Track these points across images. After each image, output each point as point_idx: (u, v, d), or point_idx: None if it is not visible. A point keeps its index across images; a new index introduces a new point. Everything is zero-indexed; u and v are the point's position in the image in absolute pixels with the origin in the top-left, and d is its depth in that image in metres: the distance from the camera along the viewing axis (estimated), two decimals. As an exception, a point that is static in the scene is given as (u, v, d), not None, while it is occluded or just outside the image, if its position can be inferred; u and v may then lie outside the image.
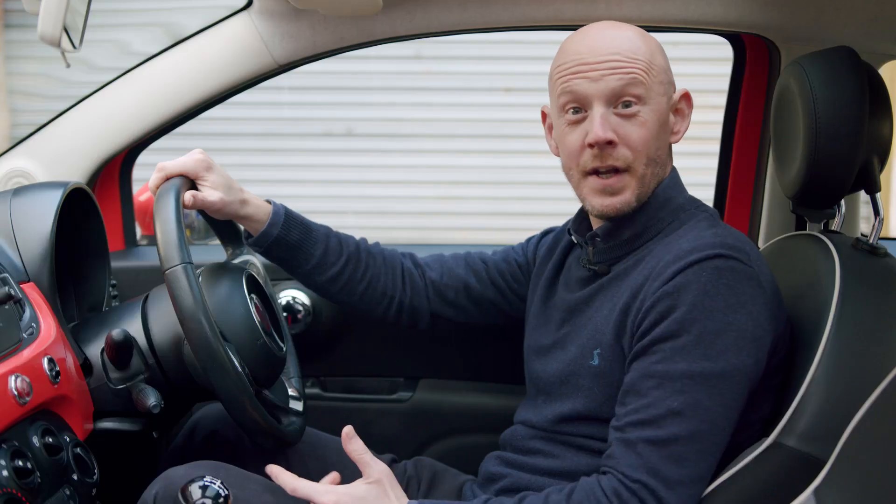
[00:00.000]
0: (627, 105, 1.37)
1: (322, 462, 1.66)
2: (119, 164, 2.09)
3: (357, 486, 1.35)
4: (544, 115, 1.52)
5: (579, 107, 1.39)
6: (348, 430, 1.37)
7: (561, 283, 1.55)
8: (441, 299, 1.69)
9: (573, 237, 1.53)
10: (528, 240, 1.72)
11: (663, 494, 1.24)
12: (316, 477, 1.65)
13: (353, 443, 1.37)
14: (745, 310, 1.27)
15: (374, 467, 1.36)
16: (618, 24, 1.43)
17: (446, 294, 1.69)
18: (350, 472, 1.66)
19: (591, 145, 1.37)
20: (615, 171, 1.39)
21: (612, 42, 1.38)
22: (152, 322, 1.49)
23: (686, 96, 1.46)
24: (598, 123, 1.36)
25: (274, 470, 1.37)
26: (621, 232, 1.43)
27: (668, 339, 1.28)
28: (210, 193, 1.49)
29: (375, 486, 1.34)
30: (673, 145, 1.46)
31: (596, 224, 1.48)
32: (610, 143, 1.36)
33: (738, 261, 1.29)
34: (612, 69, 1.36)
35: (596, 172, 1.40)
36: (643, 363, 1.30)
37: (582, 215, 1.53)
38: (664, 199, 1.43)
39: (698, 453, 1.26)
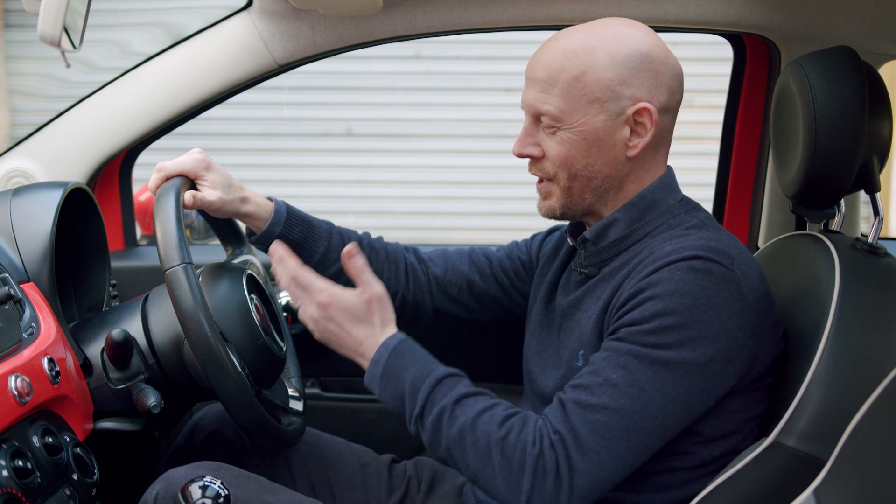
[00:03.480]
0: (548, 123, 1.39)
1: (322, 462, 1.66)
2: (119, 164, 2.09)
3: (350, 296, 1.36)
4: None
5: (526, 113, 1.43)
6: (350, 246, 1.38)
7: (560, 286, 1.56)
8: (444, 295, 1.69)
9: (569, 240, 1.54)
10: (534, 237, 1.72)
11: (575, 457, 1.23)
12: (316, 477, 1.65)
13: (355, 259, 1.37)
14: (713, 311, 1.26)
15: (370, 287, 1.37)
16: (570, 34, 1.39)
17: (449, 290, 1.69)
18: (350, 473, 1.67)
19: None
20: (543, 178, 1.44)
21: (543, 57, 1.38)
22: (152, 322, 1.50)
23: (646, 111, 1.36)
24: (518, 138, 1.42)
25: (279, 251, 1.38)
26: (609, 234, 1.43)
27: (630, 325, 1.28)
28: (209, 193, 1.49)
29: (364, 304, 1.36)
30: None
31: (587, 227, 1.49)
32: (532, 156, 1.42)
33: (717, 263, 1.28)
34: (534, 87, 1.38)
35: None
36: (604, 343, 1.32)
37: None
38: (652, 200, 1.42)
39: (621, 430, 1.24)
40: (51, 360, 1.33)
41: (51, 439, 1.27)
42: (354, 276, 1.37)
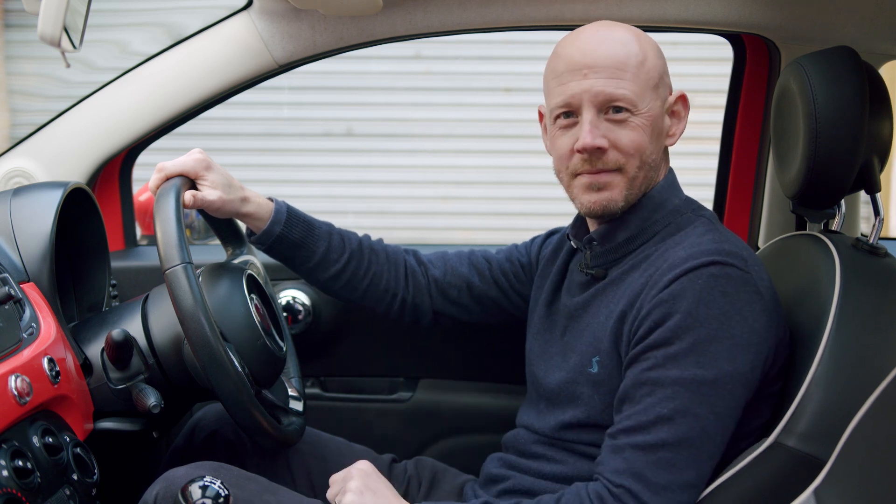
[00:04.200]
0: (618, 110, 1.36)
1: (322, 462, 1.66)
2: (119, 164, 2.09)
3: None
4: (541, 115, 1.53)
5: (570, 111, 1.39)
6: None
7: (564, 287, 1.55)
8: (443, 297, 1.69)
9: (572, 242, 1.53)
10: (533, 239, 1.72)
11: (647, 499, 1.24)
12: (316, 477, 1.65)
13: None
14: (740, 317, 1.27)
15: None
16: (612, 26, 1.42)
17: (449, 292, 1.69)
18: (350, 472, 1.66)
19: (579, 151, 1.38)
20: (605, 170, 1.39)
21: (603, 46, 1.37)
22: (152, 322, 1.50)
23: (682, 98, 1.44)
24: (587, 130, 1.36)
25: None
26: (616, 234, 1.43)
27: (661, 347, 1.28)
28: (209, 192, 1.49)
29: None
30: (672, 146, 1.46)
31: (592, 228, 1.48)
32: (599, 149, 1.36)
33: (734, 267, 1.29)
34: (602, 76, 1.36)
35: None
36: (636, 370, 1.30)
37: (580, 220, 1.53)
38: (659, 200, 1.42)
39: (687, 460, 1.25)
40: (51, 360, 1.33)
41: (51, 439, 1.27)
42: None
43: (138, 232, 2.30)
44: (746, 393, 1.29)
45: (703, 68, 5.26)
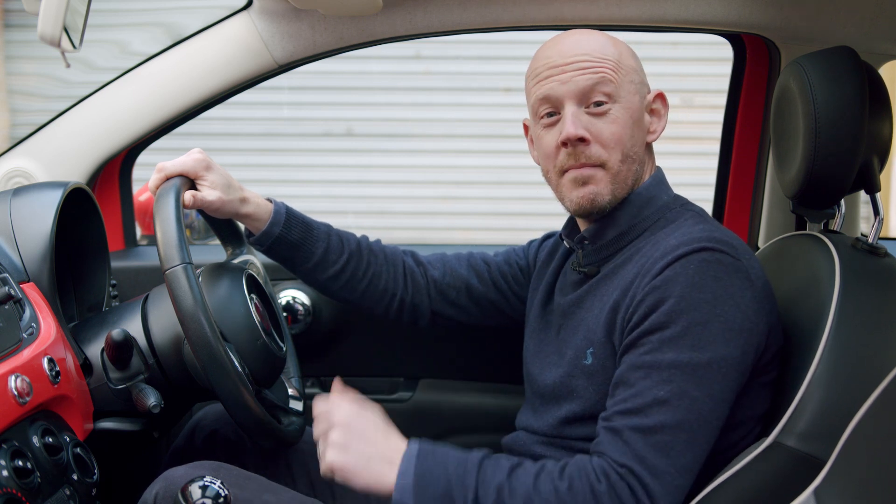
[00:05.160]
0: (599, 104, 1.39)
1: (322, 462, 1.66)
2: (119, 164, 2.09)
3: (370, 410, 1.36)
4: (526, 128, 1.54)
5: (553, 109, 1.42)
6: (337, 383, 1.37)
7: (558, 287, 1.56)
8: (442, 298, 1.70)
9: (565, 241, 1.54)
10: (530, 243, 1.73)
11: (649, 482, 1.24)
12: (316, 477, 1.66)
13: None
14: (732, 301, 1.28)
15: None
16: (589, 32, 1.46)
17: (448, 293, 1.69)
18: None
19: (564, 143, 1.40)
20: (588, 164, 1.41)
21: (579, 45, 1.42)
22: (152, 322, 1.50)
23: (660, 96, 1.48)
24: (570, 122, 1.39)
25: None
26: (607, 232, 1.44)
27: (656, 331, 1.28)
28: (209, 193, 1.49)
29: (383, 417, 1.36)
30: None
31: (584, 227, 1.49)
32: (582, 140, 1.39)
33: (725, 254, 1.30)
34: (581, 69, 1.39)
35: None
36: (632, 356, 1.30)
37: (572, 220, 1.54)
38: (647, 197, 1.44)
39: (684, 443, 1.25)
40: (51, 360, 1.33)
41: (51, 439, 1.27)
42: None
43: (138, 232, 2.30)
44: (739, 378, 1.29)
45: (703, 68, 5.26)
